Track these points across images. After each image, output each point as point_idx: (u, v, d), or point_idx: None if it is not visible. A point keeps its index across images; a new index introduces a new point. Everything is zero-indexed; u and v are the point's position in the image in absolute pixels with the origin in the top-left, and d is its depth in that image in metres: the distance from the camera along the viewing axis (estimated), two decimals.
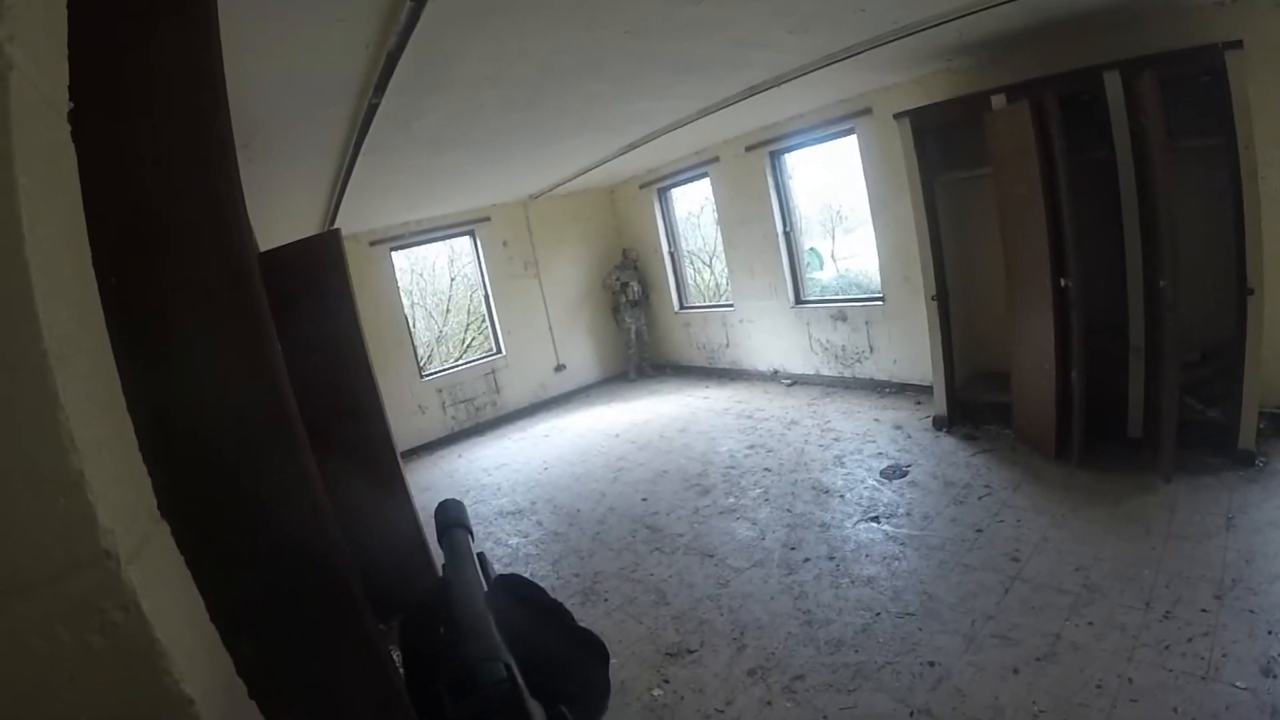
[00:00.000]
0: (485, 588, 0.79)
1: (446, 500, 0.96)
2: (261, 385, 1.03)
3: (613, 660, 3.62)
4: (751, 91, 5.30)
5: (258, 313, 1.03)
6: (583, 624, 0.85)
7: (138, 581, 0.69)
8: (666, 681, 3.41)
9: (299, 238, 4.30)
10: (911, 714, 2.90)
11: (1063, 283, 4.44)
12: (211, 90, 1.05)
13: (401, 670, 0.83)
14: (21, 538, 0.64)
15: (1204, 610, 3.07)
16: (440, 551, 0.93)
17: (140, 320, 0.91)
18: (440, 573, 0.88)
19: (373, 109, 3.64)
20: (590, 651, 0.81)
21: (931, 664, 3.16)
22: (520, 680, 0.66)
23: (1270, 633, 2.86)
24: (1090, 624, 3.16)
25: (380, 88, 3.34)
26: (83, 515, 0.65)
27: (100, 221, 0.87)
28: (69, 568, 0.65)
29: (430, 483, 7.49)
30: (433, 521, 0.98)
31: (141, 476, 0.84)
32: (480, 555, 0.86)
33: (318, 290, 4.02)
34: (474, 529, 0.99)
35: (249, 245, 1.04)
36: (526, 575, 3.69)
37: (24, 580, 0.64)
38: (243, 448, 1.00)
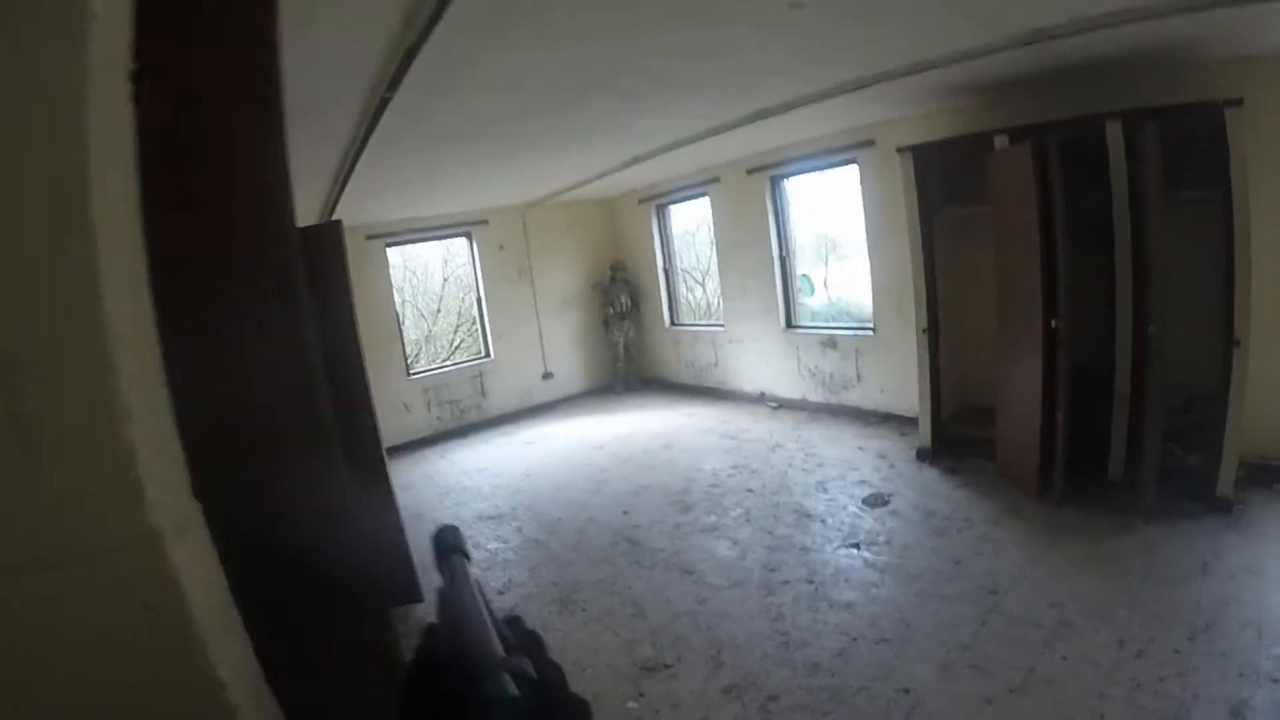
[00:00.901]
0: (487, 610, 0.79)
1: (445, 526, 0.96)
2: (298, 370, 1.03)
3: (588, 671, 3.63)
4: (759, 116, 5.36)
5: (299, 298, 1.04)
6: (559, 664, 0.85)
7: (179, 560, 0.69)
8: (642, 695, 3.41)
9: (300, 225, 4.31)
10: None
11: (1053, 323, 4.50)
12: (269, 67, 1.05)
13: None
14: (74, 508, 0.64)
15: (1177, 651, 3.11)
16: (435, 573, 0.92)
17: (182, 298, 0.91)
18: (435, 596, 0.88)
19: (384, 103, 3.64)
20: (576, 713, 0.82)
21: (906, 691, 3.18)
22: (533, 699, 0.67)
23: (1241, 675, 2.90)
24: (1064, 659, 3.20)
25: (395, 82, 3.34)
26: (132, 489, 0.66)
27: (151, 190, 0.87)
28: (117, 541, 0.66)
29: (412, 481, 7.43)
30: (413, 522, 0.97)
31: (179, 455, 0.84)
32: (477, 582, 0.86)
33: (317, 280, 4.01)
34: (470, 554, 0.99)
35: (294, 230, 1.04)
36: (507, 584, 3.64)
37: (73, 551, 0.64)
38: (273, 432, 1.00)
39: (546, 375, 10.17)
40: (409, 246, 9.86)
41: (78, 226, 0.65)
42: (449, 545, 0.91)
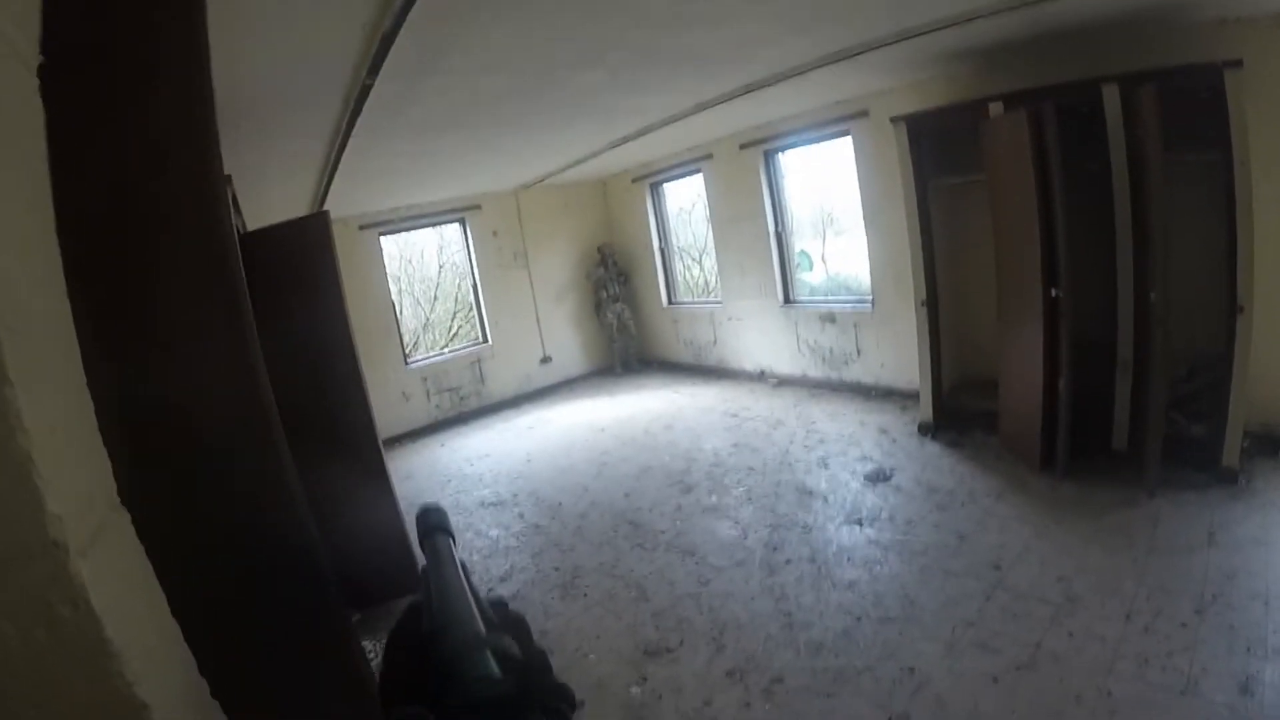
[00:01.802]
0: (469, 588, 0.76)
1: (428, 505, 0.93)
2: (237, 371, 0.98)
3: (590, 656, 3.61)
4: (749, 88, 5.26)
5: (236, 296, 0.98)
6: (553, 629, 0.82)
7: (88, 574, 0.64)
8: (644, 679, 3.38)
9: (288, 219, 4.25)
10: None
11: (1054, 293, 4.43)
12: (196, 56, 0.99)
13: (380, 662, 0.79)
14: None
15: (1184, 625, 3.07)
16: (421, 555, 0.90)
17: (108, 297, 0.86)
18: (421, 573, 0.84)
19: (366, 91, 3.57)
20: (561, 698, 0.79)
21: (911, 670, 3.14)
22: (505, 674, 0.64)
23: (1249, 649, 2.86)
24: (1070, 635, 3.16)
25: (374, 69, 3.27)
26: (29, 501, 0.60)
27: (68, 189, 0.81)
28: (13, 557, 0.60)
29: (412, 471, 7.43)
30: (414, 513, 0.95)
31: (100, 461, 0.78)
32: (462, 563, 0.83)
33: (305, 273, 3.96)
34: (455, 519, 0.96)
35: (227, 225, 0.99)
36: (509, 570, 3.63)
37: None
38: (214, 434, 0.95)
39: (545, 359, 10.13)
40: (403, 235, 9.79)
41: None
42: (432, 525, 0.88)
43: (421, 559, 0.84)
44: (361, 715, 1.08)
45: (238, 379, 0.99)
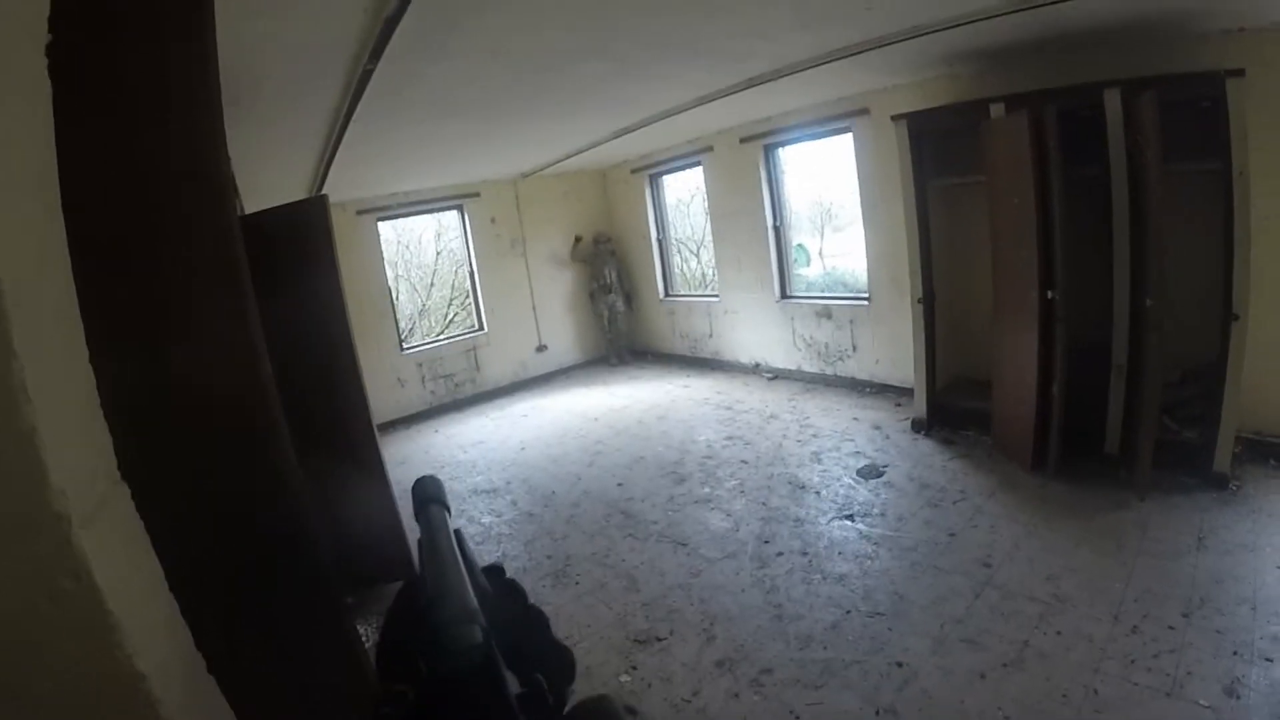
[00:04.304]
0: (462, 561, 0.76)
1: (424, 476, 0.93)
2: (238, 350, 0.98)
3: (581, 644, 3.62)
4: (752, 83, 5.25)
5: (239, 278, 0.98)
6: (552, 613, 0.82)
7: (90, 547, 0.64)
8: (634, 668, 3.40)
9: (286, 202, 4.23)
10: (878, 713, 2.90)
11: (1049, 295, 4.44)
12: (201, 37, 0.99)
13: (376, 637, 0.80)
14: None
15: (1171, 627, 3.09)
16: (416, 526, 0.90)
17: (114, 276, 0.86)
18: (415, 548, 0.85)
19: (367, 74, 3.55)
20: (560, 658, 0.79)
21: (899, 665, 3.16)
22: (495, 646, 0.64)
23: (1235, 653, 2.88)
24: (1058, 634, 3.18)
25: (376, 53, 3.26)
26: (33, 473, 0.60)
27: (76, 166, 0.81)
28: (18, 528, 0.61)
29: (406, 456, 7.42)
30: (408, 498, 0.95)
31: (102, 435, 0.79)
32: (457, 532, 0.83)
33: (301, 256, 3.95)
34: (449, 506, 0.96)
35: (232, 207, 0.99)
36: (501, 558, 3.64)
37: None
38: (214, 412, 0.95)
39: (541, 348, 10.12)
40: (401, 220, 9.77)
41: None
42: (427, 496, 0.88)
43: (416, 531, 0.85)
44: (354, 692, 1.09)
45: (239, 358, 0.99)
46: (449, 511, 0.89)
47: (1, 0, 0.66)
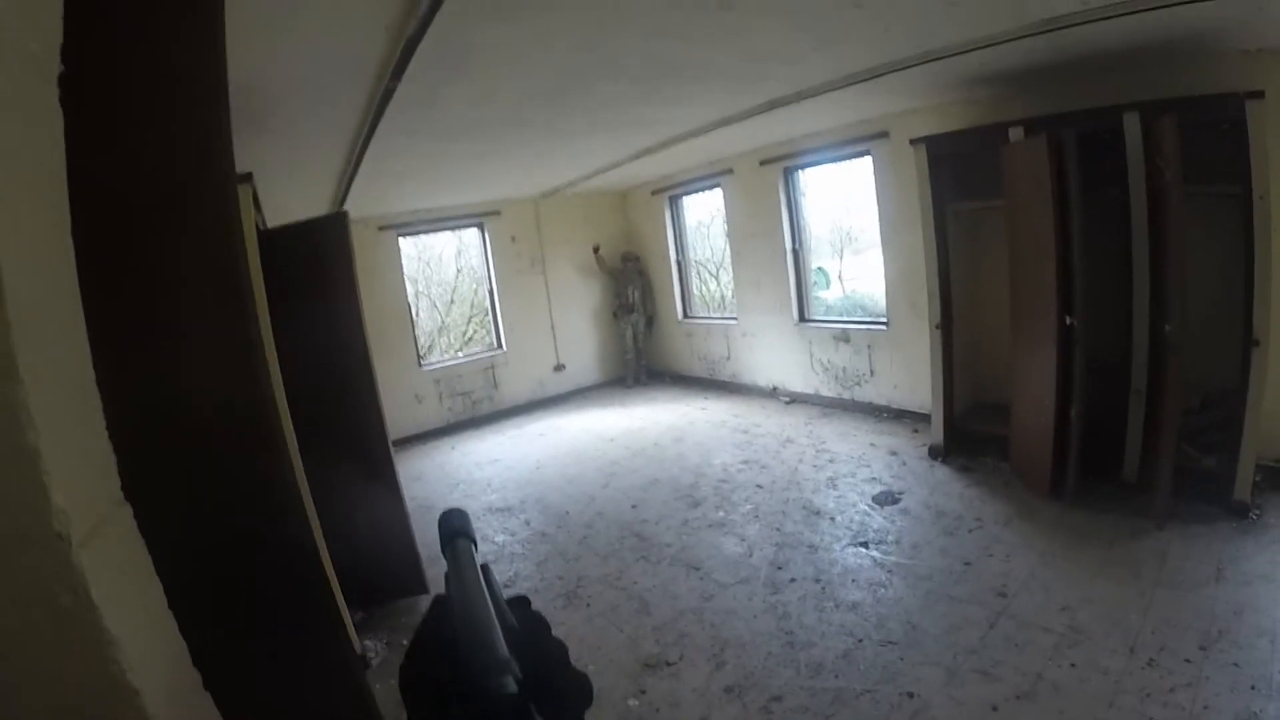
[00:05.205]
0: (490, 600, 0.77)
1: (450, 510, 0.94)
2: (242, 370, 1.00)
3: (590, 667, 3.60)
4: (771, 105, 5.28)
5: (244, 297, 1.01)
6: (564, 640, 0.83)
7: (88, 566, 0.66)
8: (643, 692, 3.38)
9: (305, 218, 4.30)
10: None
11: (1068, 320, 4.41)
12: (213, 62, 1.02)
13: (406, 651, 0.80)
14: None
15: (1188, 660, 3.03)
16: (430, 543, 0.91)
17: (119, 297, 0.88)
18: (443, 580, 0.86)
19: (389, 93, 3.61)
20: (579, 687, 0.80)
21: (911, 695, 3.12)
22: (528, 699, 0.65)
23: (1253, 688, 2.82)
24: (1073, 666, 3.13)
25: (398, 72, 3.31)
26: (35, 494, 0.62)
27: (85, 190, 0.84)
28: (18, 545, 0.63)
29: (421, 473, 7.46)
30: (422, 513, 0.96)
31: (106, 456, 0.81)
32: (484, 566, 0.84)
33: (322, 271, 4.01)
34: (476, 540, 0.97)
35: (238, 226, 1.01)
36: (513, 577, 3.64)
37: None
38: (217, 432, 0.97)
39: (558, 367, 10.16)
40: (422, 237, 9.89)
41: None
42: (453, 529, 0.89)
43: (429, 547, 0.86)
44: (352, 715, 1.10)
45: (243, 378, 1.01)
46: (476, 546, 0.90)
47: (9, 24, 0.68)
